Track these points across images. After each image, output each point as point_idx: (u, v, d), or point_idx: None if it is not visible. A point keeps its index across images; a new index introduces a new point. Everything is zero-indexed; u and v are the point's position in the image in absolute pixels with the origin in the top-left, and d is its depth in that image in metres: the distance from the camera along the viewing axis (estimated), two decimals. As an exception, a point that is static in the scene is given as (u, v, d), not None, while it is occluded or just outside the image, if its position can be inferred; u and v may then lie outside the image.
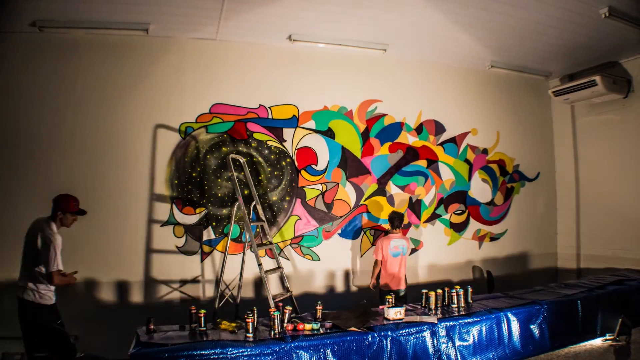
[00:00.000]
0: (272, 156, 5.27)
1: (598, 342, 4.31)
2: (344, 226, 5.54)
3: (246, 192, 4.96)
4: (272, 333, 3.33)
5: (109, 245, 4.64)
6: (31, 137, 4.52)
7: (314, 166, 5.44)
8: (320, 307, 3.72)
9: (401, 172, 5.85)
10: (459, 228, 6.18)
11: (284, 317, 3.51)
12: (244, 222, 4.60)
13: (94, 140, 4.67)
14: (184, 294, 4.85)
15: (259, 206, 4.87)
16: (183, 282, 4.86)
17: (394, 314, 3.70)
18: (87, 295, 4.53)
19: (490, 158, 6.45)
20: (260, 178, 5.20)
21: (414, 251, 5.83)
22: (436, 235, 6.03)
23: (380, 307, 4.01)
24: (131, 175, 4.76)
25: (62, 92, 4.63)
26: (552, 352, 4.07)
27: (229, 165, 4.67)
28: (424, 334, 3.61)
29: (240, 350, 3.08)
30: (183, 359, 2.97)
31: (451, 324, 3.74)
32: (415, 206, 5.90)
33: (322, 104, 5.51)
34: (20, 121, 4.51)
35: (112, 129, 4.73)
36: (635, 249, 5.71)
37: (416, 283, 5.64)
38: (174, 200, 4.88)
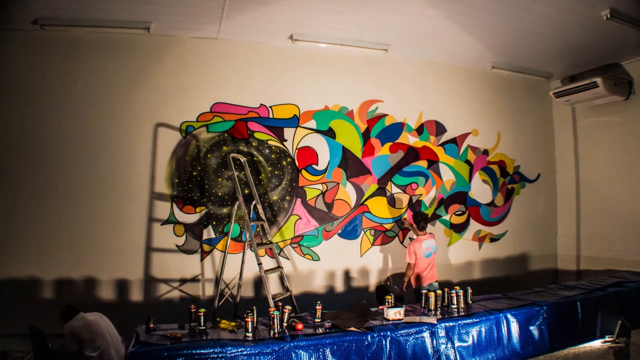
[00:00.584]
0: (273, 155, 5.27)
1: (597, 343, 4.32)
2: (344, 226, 5.54)
3: (246, 191, 4.96)
4: (272, 332, 3.33)
5: (109, 243, 4.65)
6: (32, 135, 4.53)
7: (314, 166, 5.44)
8: (319, 306, 3.72)
9: (402, 173, 5.85)
10: (459, 229, 6.17)
11: (284, 317, 3.51)
12: (244, 222, 4.60)
13: (94, 138, 4.68)
14: (183, 292, 4.85)
15: (259, 205, 4.87)
16: (183, 281, 4.86)
17: (394, 314, 3.70)
18: (87, 294, 4.53)
19: (491, 159, 6.44)
20: (260, 177, 5.19)
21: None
22: (436, 236, 6.00)
23: (380, 307, 4.01)
24: (131, 174, 4.76)
25: (63, 89, 4.63)
26: (552, 353, 4.08)
27: (229, 164, 4.67)
28: (423, 334, 3.62)
29: (239, 350, 3.09)
30: (182, 357, 2.98)
31: (450, 324, 3.74)
32: (416, 207, 5.90)
33: (323, 103, 5.51)
34: (21, 118, 4.52)
35: (112, 127, 4.73)
36: (635, 251, 5.70)
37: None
38: (174, 199, 4.88)
